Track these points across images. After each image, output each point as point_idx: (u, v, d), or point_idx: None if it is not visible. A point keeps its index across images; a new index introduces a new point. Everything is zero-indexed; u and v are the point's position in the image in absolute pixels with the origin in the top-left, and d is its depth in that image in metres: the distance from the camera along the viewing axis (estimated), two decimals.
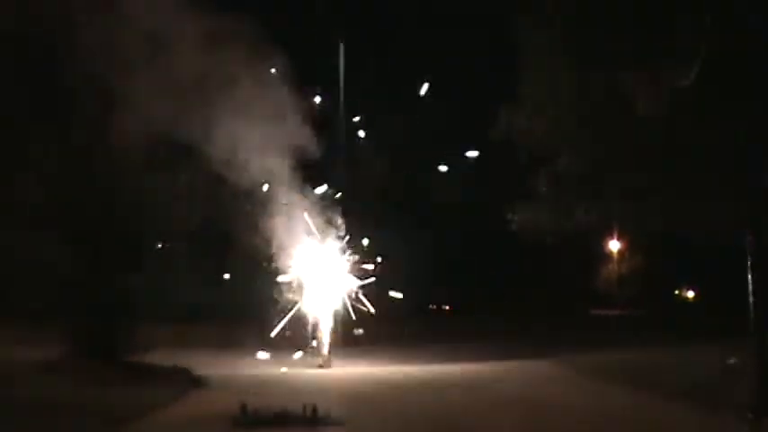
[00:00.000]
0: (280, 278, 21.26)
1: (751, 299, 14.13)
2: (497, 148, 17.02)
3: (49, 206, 17.21)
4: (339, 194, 22.37)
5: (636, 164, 13.93)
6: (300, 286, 21.65)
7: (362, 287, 22.24)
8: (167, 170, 18.06)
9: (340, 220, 21.86)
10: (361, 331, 24.08)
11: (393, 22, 33.77)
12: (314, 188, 21.54)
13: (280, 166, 20.34)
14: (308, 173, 21.35)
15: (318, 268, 21.87)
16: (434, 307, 46.01)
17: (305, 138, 20.24)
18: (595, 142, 14.00)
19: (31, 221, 17.06)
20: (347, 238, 22.02)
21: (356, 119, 25.59)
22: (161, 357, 18.22)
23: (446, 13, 32.72)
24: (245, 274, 22.39)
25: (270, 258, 21.03)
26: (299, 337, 22.05)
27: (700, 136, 13.08)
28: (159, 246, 20.15)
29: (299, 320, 21.82)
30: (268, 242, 20.72)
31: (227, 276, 25.98)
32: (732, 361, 18.46)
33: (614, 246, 36.14)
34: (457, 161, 26.56)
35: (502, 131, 15.42)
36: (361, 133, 25.89)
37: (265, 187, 20.50)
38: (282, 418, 12.84)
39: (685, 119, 12.82)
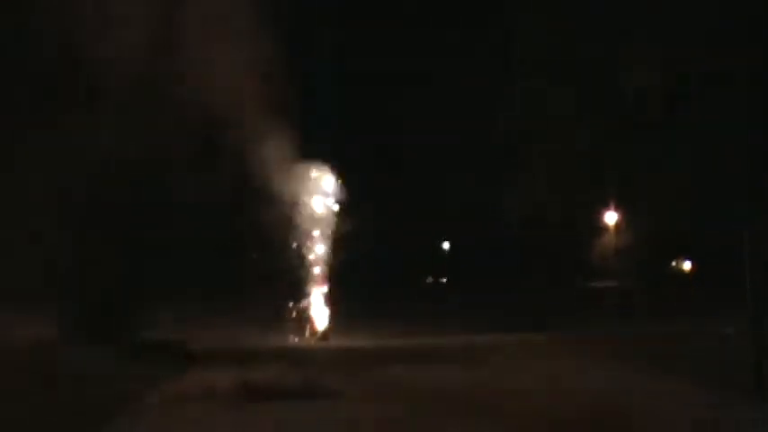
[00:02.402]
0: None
1: (748, 279, 14.10)
2: (495, 123, 16.98)
3: (49, 188, 17.14)
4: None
5: (635, 138, 13.89)
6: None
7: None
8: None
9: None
10: None
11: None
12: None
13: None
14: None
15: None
16: (432, 279, 46.28)
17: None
18: (595, 117, 13.95)
19: (33, 204, 17.00)
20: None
21: None
22: (164, 334, 18.30)
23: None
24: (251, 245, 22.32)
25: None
26: (298, 309, 22.13)
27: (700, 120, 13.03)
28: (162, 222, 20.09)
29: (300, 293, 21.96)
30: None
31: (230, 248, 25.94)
32: (729, 331, 18.62)
33: (611, 218, 36.15)
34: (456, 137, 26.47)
35: (502, 106, 15.38)
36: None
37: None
38: (282, 390, 12.92)
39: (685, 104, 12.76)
